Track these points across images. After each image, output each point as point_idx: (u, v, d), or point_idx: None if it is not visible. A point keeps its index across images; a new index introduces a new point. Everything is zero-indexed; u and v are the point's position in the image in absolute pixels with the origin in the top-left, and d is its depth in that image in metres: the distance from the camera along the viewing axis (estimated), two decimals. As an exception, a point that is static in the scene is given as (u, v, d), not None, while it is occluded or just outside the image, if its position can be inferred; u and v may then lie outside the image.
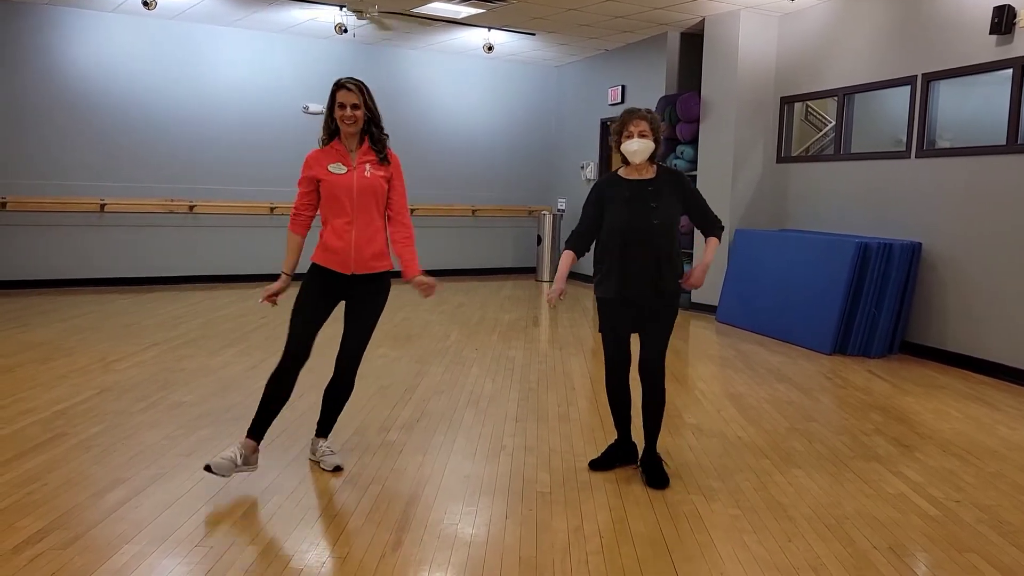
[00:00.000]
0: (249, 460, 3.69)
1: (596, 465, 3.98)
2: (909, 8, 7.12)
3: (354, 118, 3.67)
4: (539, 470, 3.95)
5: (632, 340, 3.90)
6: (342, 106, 3.67)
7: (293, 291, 3.79)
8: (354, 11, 9.25)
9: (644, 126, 3.72)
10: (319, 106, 10.81)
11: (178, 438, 4.27)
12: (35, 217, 9.47)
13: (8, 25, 9.22)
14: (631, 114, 3.78)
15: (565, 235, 12.09)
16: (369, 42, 10.93)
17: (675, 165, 9.57)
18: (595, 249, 3.93)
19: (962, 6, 6.59)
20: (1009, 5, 6.14)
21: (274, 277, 3.87)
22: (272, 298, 3.78)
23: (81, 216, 9.71)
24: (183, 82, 10.12)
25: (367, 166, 3.73)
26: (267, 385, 3.78)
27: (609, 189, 3.84)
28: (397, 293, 4.17)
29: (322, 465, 3.90)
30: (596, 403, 5.25)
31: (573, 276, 12.57)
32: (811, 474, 4.00)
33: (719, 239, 3.91)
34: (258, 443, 3.75)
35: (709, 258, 3.86)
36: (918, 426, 4.91)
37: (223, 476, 3.54)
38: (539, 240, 11.95)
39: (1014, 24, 6.14)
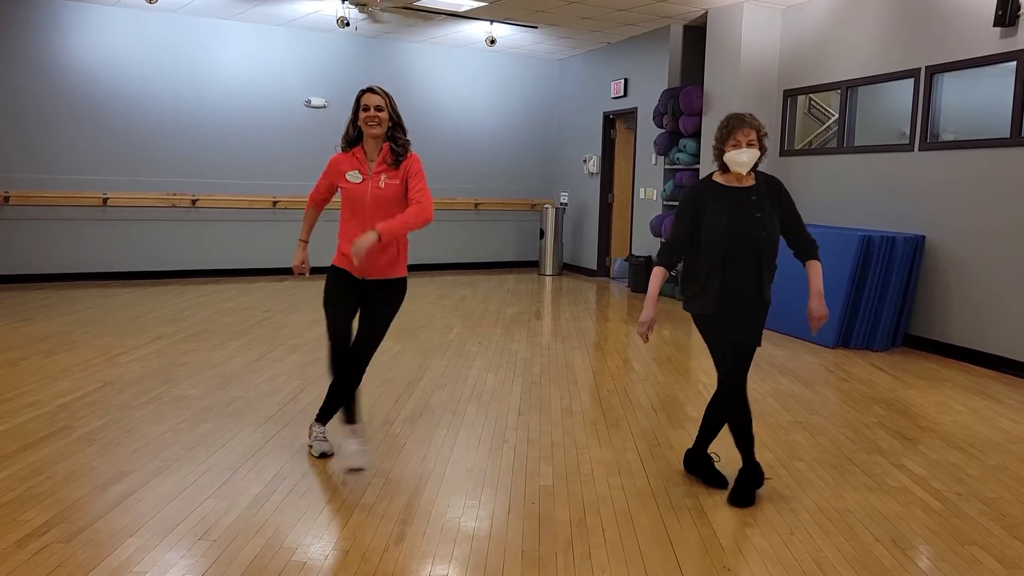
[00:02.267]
0: (362, 434, 3.93)
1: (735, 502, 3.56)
2: (912, 1, 7.09)
3: (377, 119, 3.71)
4: (542, 463, 3.95)
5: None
6: (366, 108, 3.72)
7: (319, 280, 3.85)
8: (356, 4, 9.24)
9: (753, 136, 3.48)
10: (321, 100, 10.85)
11: (181, 431, 4.28)
12: (37, 211, 9.48)
13: (10, 19, 9.21)
14: (740, 122, 3.50)
15: (568, 228, 12.23)
16: (371, 36, 10.91)
17: (677, 159, 9.55)
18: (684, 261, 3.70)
19: (966, -2, 6.57)
20: (1013, -3, 6.12)
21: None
22: (301, 267, 4.13)
23: (83, 210, 9.71)
24: (185, 76, 10.11)
25: (382, 176, 3.75)
26: (332, 374, 3.97)
27: (707, 197, 3.56)
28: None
29: (312, 450, 4.01)
30: (598, 396, 5.25)
31: (575, 269, 12.56)
32: (814, 467, 4.00)
33: (819, 260, 3.64)
34: (325, 424, 4.05)
35: (819, 284, 3.61)
36: (921, 419, 4.91)
37: (329, 455, 3.94)
38: (542, 234, 11.94)
39: (1018, 16, 6.11)
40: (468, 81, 11.85)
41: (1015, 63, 6.14)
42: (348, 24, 9.49)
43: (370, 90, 3.76)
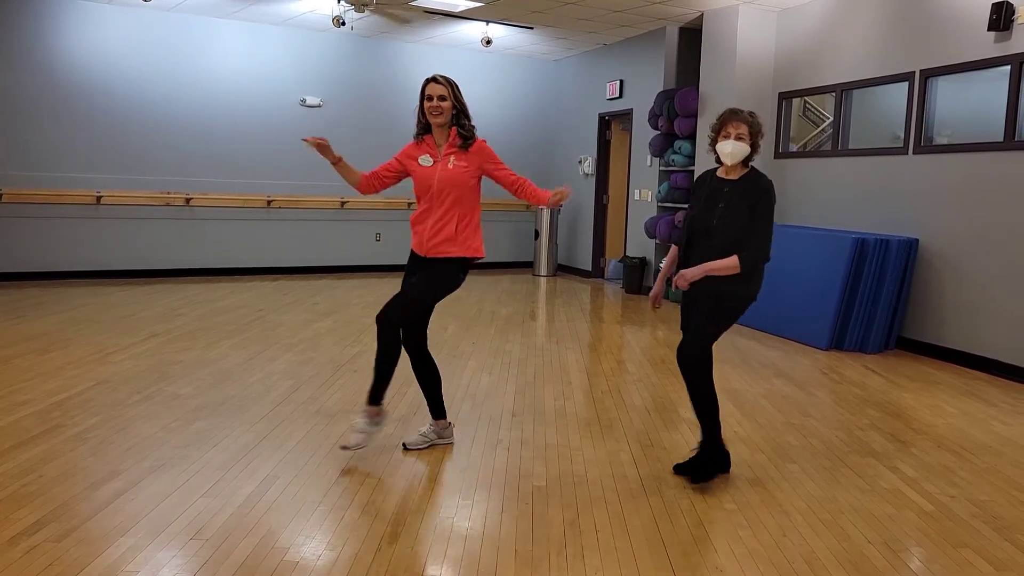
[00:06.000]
0: (376, 421, 4.01)
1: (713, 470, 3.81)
2: (907, 4, 7.11)
3: (440, 109, 3.91)
4: (535, 464, 3.95)
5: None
6: (430, 98, 3.92)
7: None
8: (352, 4, 9.23)
9: (743, 129, 3.66)
10: (316, 99, 10.84)
11: (174, 430, 4.27)
12: (31, 209, 9.44)
13: (4, 15, 9.19)
14: (733, 115, 3.70)
15: (563, 229, 12.24)
16: (366, 35, 10.91)
17: (673, 160, 9.57)
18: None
19: (960, 2, 6.59)
20: (1007, 2, 6.14)
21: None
22: (316, 141, 3.89)
23: (77, 208, 9.68)
24: (180, 74, 10.09)
25: (451, 158, 3.96)
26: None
27: (699, 183, 3.90)
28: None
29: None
30: (592, 397, 5.26)
31: (569, 270, 12.55)
32: (806, 469, 4.01)
33: (742, 262, 3.57)
34: (379, 406, 4.02)
35: (711, 264, 3.60)
36: (913, 421, 4.93)
37: (362, 447, 3.92)
38: (536, 234, 11.95)
39: (1012, 21, 6.14)
40: (464, 81, 11.58)
41: (1009, 67, 6.17)
42: (344, 23, 9.47)
43: (433, 80, 3.97)
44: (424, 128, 4.00)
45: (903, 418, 5.00)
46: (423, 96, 3.95)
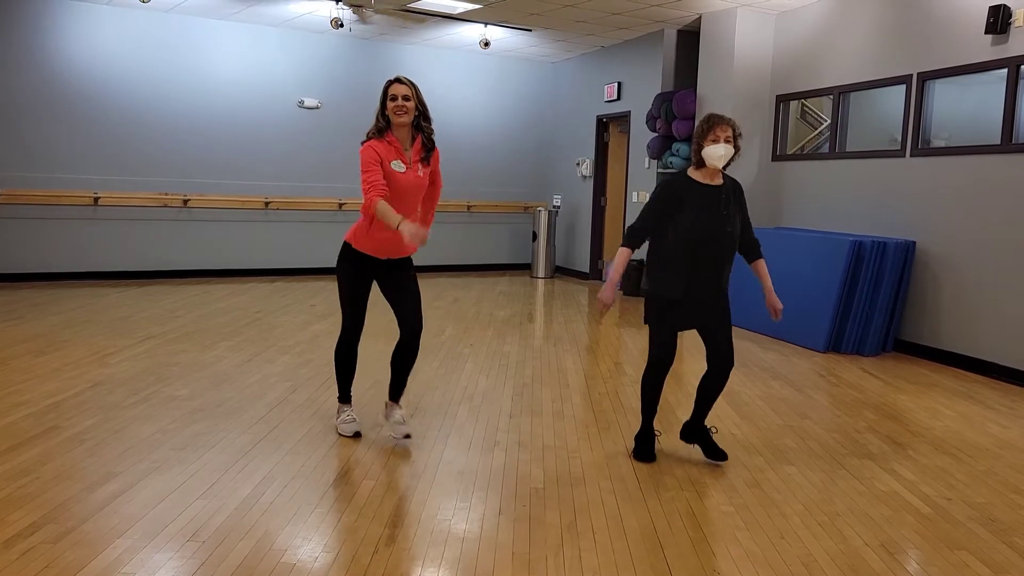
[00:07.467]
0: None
1: (643, 457, 4.06)
2: (905, 7, 7.13)
3: (405, 108, 3.95)
4: (533, 466, 3.95)
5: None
6: (393, 98, 3.94)
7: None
8: (350, 6, 9.23)
9: (729, 132, 3.74)
10: (314, 100, 10.83)
11: (171, 432, 4.26)
12: (28, 210, 9.43)
13: (3, 16, 9.18)
14: (719, 119, 3.78)
15: (560, 231, 12.24)
16: (364, 37, 10.91)
17: (671, 163, 9.57)
18: (650, 247, 4.00)
19: (958, 6, 6.60)
20: (1004, 5, 6.15)
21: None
22: (421, 232, 3.74)
23: (75, 209, 9.67)
24: (178, 76, 10.08)
25: (419, 166, 4.05)
26: (337, 357, 4.28)
27: (683, 192, 3.83)
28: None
29: (392, 433, 4.22)
30: (590, 399, 5.26)
31: (567, 272, 12.55)
32: (804, 471, 4.01)
33: (764, 258, 4.04)
34: (349, 403, 4.31)
35: (769, 281, 4.04)
36: (911, 424, 4.93)
37: (357, 435, 4.21)
38: (534, 236, 11.95)
39: (1009, 24, 6.15)
40: (462, 83, 11.84)
41: (1006, 70, 6.18)
42: (342, 25, 9.47)
43: (397, 80, 4.00)
44: (382, 129, 3.97)
45: (900, 421, 5.00)
46: (385, 96, 3.97)
